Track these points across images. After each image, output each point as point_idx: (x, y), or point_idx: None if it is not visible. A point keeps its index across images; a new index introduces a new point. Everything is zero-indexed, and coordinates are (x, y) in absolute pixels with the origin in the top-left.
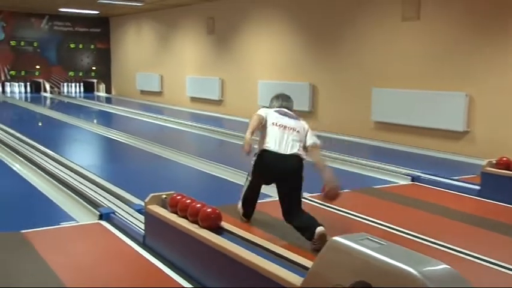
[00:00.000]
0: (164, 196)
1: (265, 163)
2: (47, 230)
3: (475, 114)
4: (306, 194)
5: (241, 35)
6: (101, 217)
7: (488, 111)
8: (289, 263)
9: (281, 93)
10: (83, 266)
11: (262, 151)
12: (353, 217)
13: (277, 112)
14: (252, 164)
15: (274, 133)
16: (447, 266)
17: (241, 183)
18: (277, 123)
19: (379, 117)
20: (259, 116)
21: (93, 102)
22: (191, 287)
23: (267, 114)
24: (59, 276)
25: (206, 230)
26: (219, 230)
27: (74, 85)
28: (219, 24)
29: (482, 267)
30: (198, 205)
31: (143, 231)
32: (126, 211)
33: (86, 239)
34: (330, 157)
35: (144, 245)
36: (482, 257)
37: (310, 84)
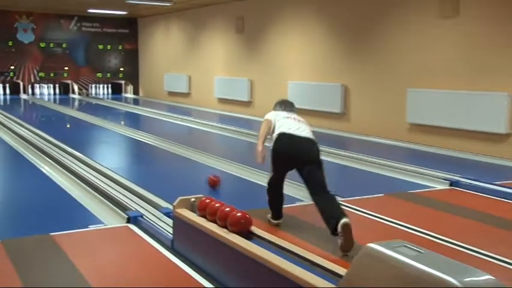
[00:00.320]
0: (193, 199)
1: (283, 143)
2: (76, 232)
3: None
4: (340, 199)
5: (270, 34)
6: (128, 220)
7: None
8: (320, 269)
9: (285, 100)
10: (110, 269)
11: (280, 134)
12: (388, 223)
13: (285, 112)
14: (270, 149)
15: (288, 123)
16: (491, 277)
17: None
18: (290, 117)
19: (415, 119)
20: (269, 122)
21: (121, 104)
22: None
23: (277, 115)
24: (86, 279)
25: (235, 235)
26: (249, 235)
27: (102, 86)
28: (248, 23)
29: None
30: (227, 209)
31: (171, 235)
32: (154, 214)
33: (114, 242)
34: (364, 160)
35: (172, 249)
36: None
37: (342, 85)
